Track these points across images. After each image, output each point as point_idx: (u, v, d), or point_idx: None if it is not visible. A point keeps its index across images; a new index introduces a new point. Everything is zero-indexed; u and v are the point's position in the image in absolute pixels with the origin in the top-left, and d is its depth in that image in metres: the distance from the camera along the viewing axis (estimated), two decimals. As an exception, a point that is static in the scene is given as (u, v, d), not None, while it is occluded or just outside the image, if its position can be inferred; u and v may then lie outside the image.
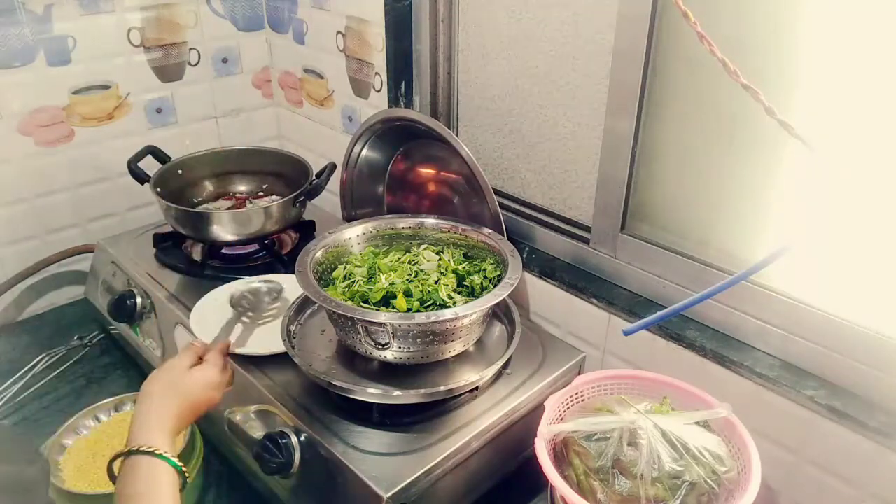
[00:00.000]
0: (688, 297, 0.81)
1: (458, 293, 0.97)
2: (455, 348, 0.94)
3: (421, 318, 0.87)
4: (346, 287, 0.97)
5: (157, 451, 0.74)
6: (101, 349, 1.31)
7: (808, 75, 0.80)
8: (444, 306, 0.93)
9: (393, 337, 0.88)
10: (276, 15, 1.52)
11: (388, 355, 0.91)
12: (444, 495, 0.90)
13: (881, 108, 0.75)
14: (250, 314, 1.07)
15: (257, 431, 0.94)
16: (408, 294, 0.94)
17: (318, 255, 1.00)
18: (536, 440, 0.82)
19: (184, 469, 0.76)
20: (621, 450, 0.79)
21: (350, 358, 0.97)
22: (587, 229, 1.10)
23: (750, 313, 0.92)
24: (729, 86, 0.70)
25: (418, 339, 0.89)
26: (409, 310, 0.92)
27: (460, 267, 1.02)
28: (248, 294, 1.08)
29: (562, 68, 1.06)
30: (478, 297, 0.94)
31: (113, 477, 0.77)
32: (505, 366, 0.99)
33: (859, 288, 0.82)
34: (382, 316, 0.87)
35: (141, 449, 0.74)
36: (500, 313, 1.08)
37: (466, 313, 0.88)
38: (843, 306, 0.84)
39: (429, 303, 0.94)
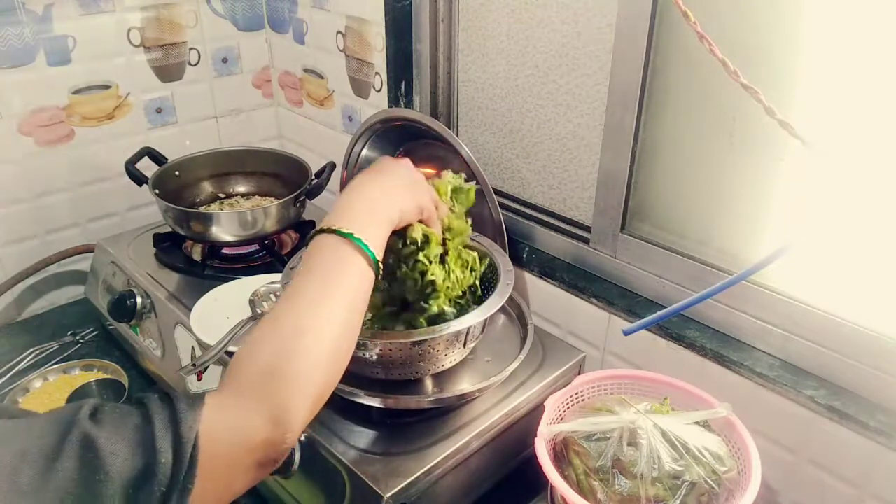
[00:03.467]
0: (688, 297, 0.81)
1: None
2: (447, 362, 0.92)
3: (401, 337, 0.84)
4: None
5: (353, 234, 0.66)
6: (96, 346, 1.31)
7: (808, 75, 0.80)
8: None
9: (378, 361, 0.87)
10: (276, 15, 1.52)
11: (381, 373, 0.90)
12: (444, 495, 0.90)
13: (881, 108, 0.75)
14: (264, 314, 1.05)
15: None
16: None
17: (301, 269, 0.97)
18: (536, 440, 0.82)
19: (379, 261, 0.68)
20: (621, 450, 0.79)
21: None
22: (587, 229, 1.10)
23: (750, 313, 0.92)
24: (729, 86, 0.70)
25: (406, 361, 0.88)
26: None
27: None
28: (273, 295, 1.08)
29: (562, 68, 1.06)
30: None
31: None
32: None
33: (859, 288, 0.82)
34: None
35: (334, 228, 0.67)
36: (507, 307, 1.07)
37: (434, 336, 0.84)
38: (843, 306, 0.84)
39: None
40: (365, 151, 1.24)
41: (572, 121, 1.08)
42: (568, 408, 0.91)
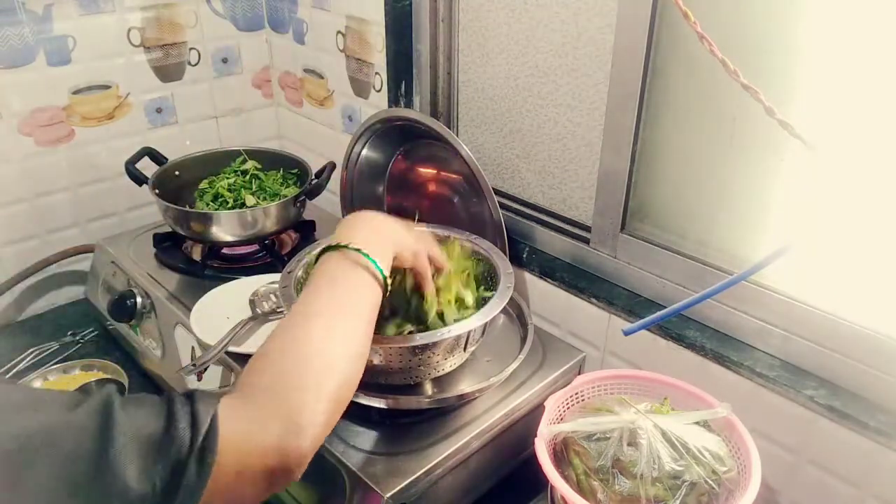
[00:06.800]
0: (688, 297, 0.81)
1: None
2: (447, 366, 0.92)
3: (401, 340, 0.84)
4: None
5: (362, 250, 0.69)
6: (96, 346, 1.31)
7: (808, 75, 0.80)
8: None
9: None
10: (276, 15, 1.52)
11: (381, 379, 0.90)
12: (444, 495, 0.90)
13: (881, 108, 0.75)
14: (264, 314, 1.06)
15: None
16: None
17: (300, 273, 0.96)
18: (536, 440, 0.82)
19: (387, 277, 0.71)
20: (621, 450, 0.79)
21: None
22: (587, 229, 1.10)
23: (750, 313, 0.92)
24: (729, 86, 0.70)
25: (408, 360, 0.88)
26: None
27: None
28: (273, 295, 1.08)
29: (562, 68, 1.06)
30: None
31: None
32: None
33: (859, 288, 0.82)
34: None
35: (349, 245, 0.69)
36: (507, 308, 1.07)
37: (435, 341, 0.84)
38: (843, 306, 0.84)
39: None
40: (365, 151, 1.24)
41: (572, 121, 1.08)
42: (568, 408, 0.91)
